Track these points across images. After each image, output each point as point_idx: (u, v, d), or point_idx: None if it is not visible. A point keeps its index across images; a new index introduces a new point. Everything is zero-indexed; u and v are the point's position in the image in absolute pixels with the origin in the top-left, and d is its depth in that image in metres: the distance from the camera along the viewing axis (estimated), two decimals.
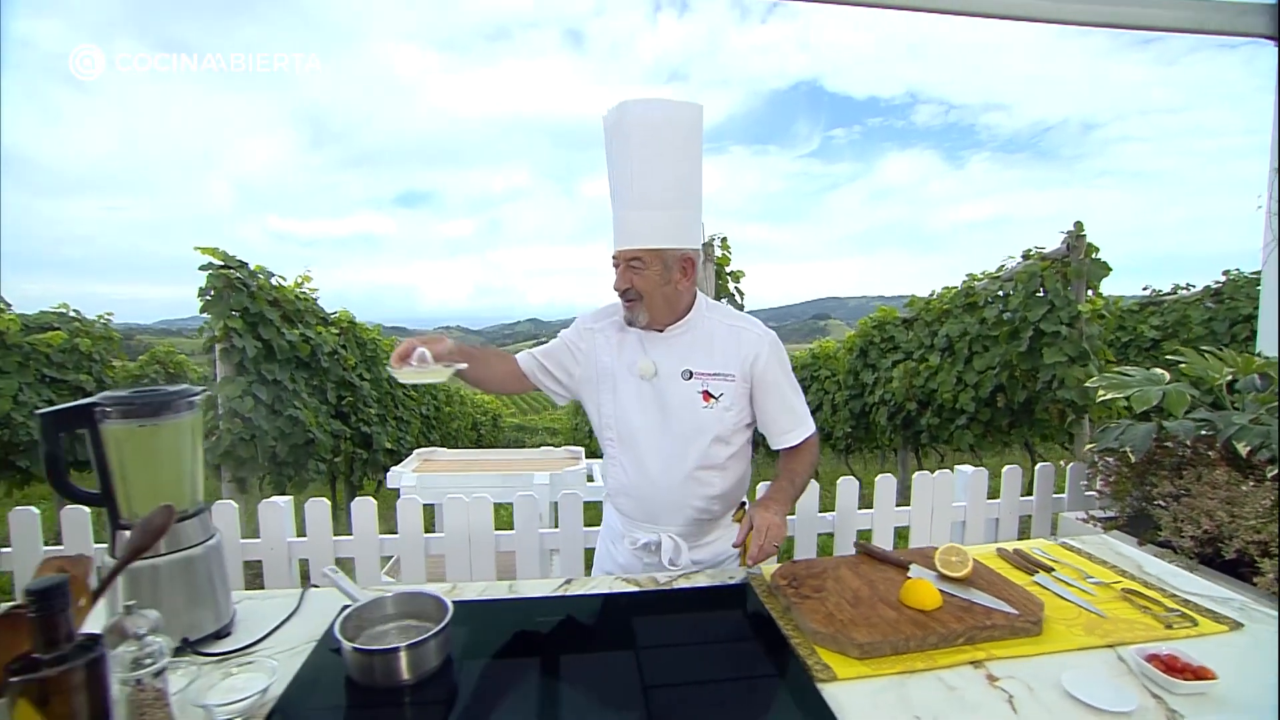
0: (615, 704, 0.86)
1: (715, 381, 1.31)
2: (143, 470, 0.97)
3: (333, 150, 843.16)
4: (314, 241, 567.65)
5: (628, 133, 1.22)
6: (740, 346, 1.33)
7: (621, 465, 1.39)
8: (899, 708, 0.84)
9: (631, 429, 1.35)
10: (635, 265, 1.25)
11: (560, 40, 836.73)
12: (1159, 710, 0.83)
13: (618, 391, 1.36)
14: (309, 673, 0.94)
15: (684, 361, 1.32)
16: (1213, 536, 1.77)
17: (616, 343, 1.37)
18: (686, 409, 1.31)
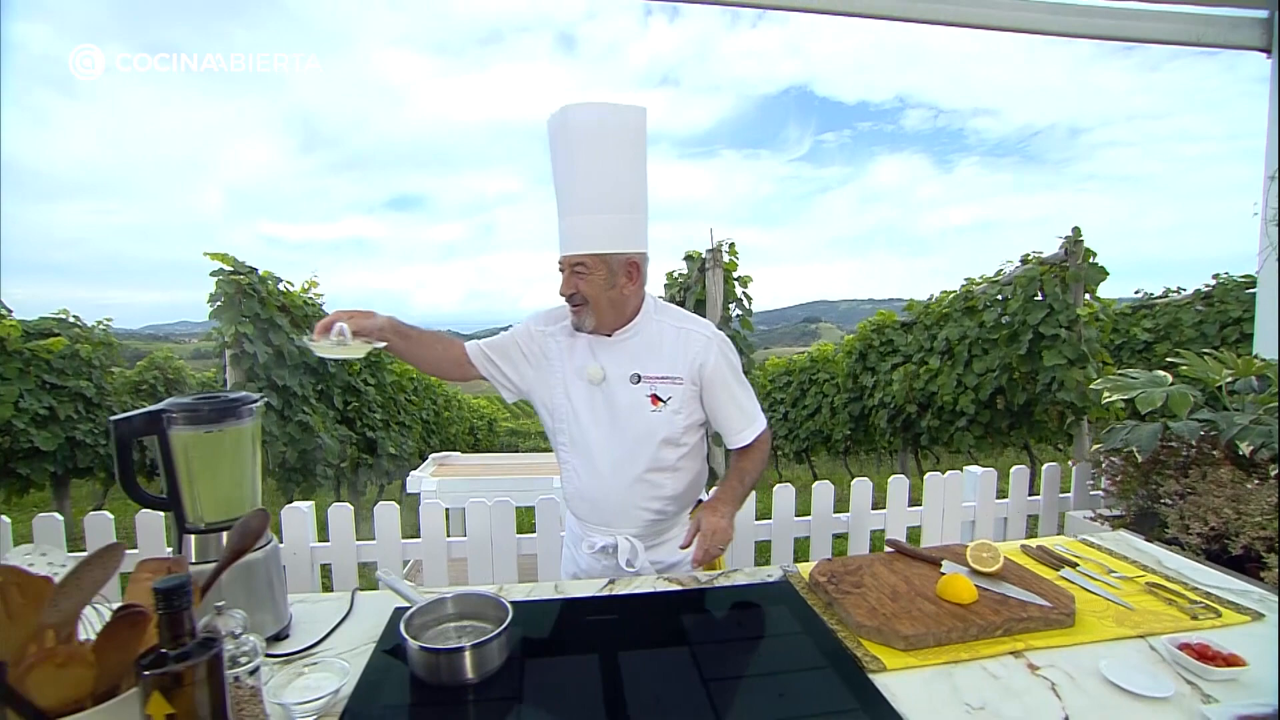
0: (679, 697, 0.89)
1: (663, 385, 1.32)
2: (207, 475, 0.99)
3: (324, 154, 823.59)
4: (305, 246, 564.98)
5: (570, 137, 1.22)
6: (688, 349, 1.33)
7: (574, 469, 1.40)
8: (950, 696, 0.88)
9: (583, 433, 1.35)
10: (580, 270, 1.26)
11: (552, 44, 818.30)
12: (1194, 696, 0.87)
13: (570, 396, 1.37)
14: (372, 673, 0.97)
15: (632, 365, 1.32)
16: (1219, 533, 1.83)
17: (567, 347, 1.38)
18: (635, 413, 1.31)
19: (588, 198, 1.24)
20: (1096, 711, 0.84)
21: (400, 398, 5.63)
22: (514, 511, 2.20)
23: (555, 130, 1.25)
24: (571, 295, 1.29)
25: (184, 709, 0.58)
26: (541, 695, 0.91)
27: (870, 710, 0.85)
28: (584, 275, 1.26)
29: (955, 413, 4.50)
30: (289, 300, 3.58)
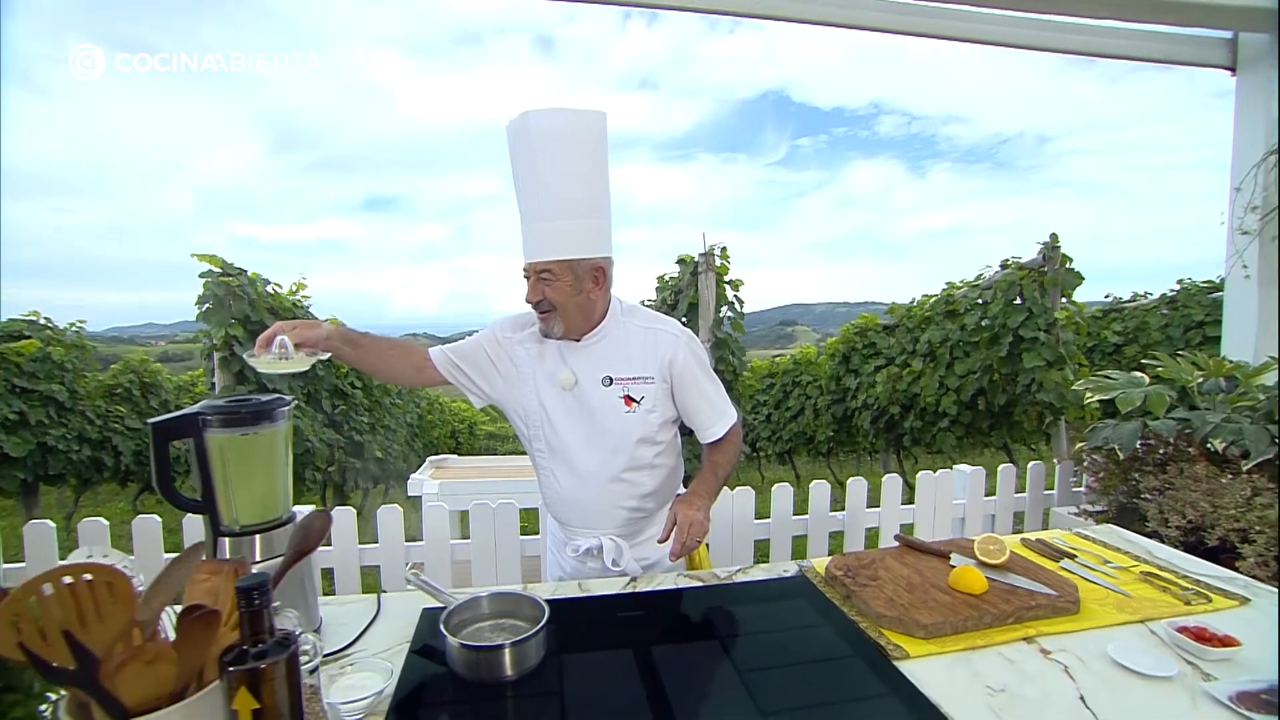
0: (716, 688, 0.92)
1: (635, 386, 1.33)
2: (243, 477, 1.00)
3: (300, 155, 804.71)
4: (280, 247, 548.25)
5: (531, 143, 1.21)
6: (657, 348, 1.35)
7: (553, 475, 1.40)
8: (971, 680, 0.93)
9: (560, 439, 1.36)
10: (546, 277, 1.26)
11: (531, 47, 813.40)
12: (1195, 675, 0.93)
13: (543, 403, 1.37)
14: (411, 673, 0.98)
15: (603, 368, 1.34)
16: (1196, 526, 1.93)
17: (536, 354, 1.38)
18: (610, 415, 1.33)
19: (552, 204, 1.23)
20: (1107, 691, 0.90)
21: (386, 400, 5.57)
22: (518, 514, 2.21)
23: (515, 136, 1.24)
24: (539, 302, 1.29)
25: (267, 704, 0.60)
26: (583, 690, 0.93)
27: (900, 695, 0.89)
28: (550, 282, 1.26)
29: (938, 413, 4.62)
30: (277, 302, 3.53)
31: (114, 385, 5.43)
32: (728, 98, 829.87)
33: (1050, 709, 0.87)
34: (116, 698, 0.57)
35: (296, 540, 0.81)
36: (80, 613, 0.55)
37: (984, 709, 0.87)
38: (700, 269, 3.52)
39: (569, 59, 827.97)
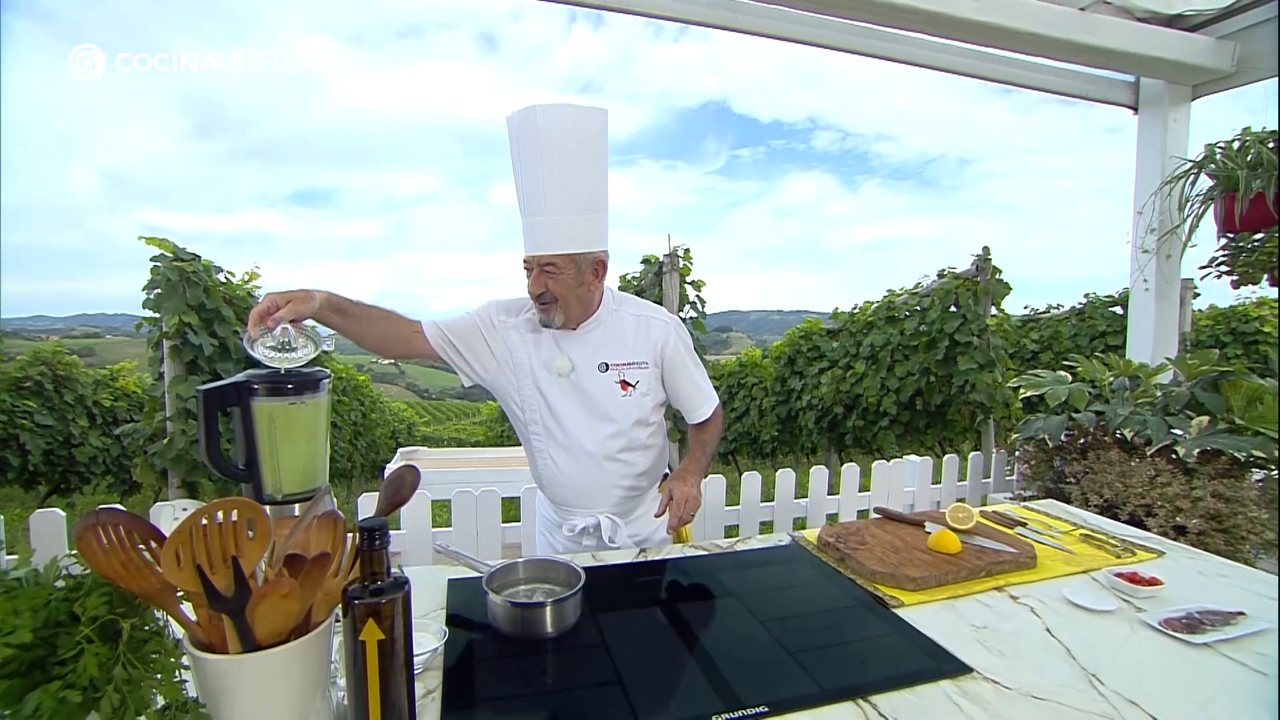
0: (745, 635, 1.03)
1: (631, 371, 1.40)
2: (288, 446, 1.01)
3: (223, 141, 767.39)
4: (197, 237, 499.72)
5: (537, 138, 1.23)
6: (650, 335, 1.43)
7: (550, 458, 1.45)
8: (958, 621, 1.08)
9: (558, 423, 1.41)
10: (550, 270, 1.30)
11: (474, 43, 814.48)
12: (1130, 609, 1.12)
13: (540, 389, 1.41)
14: (456, 636, 1.03)
15: (598, 355, 1.39)
16: (1111, 503, 2.21)
17: (531, 341, 1.41)
18: (607, 399, 1.39)
19: (557, 199, 1.26)
20: (1067, 624, 1.07)
21: (332, 397, 5.38)
22: (499, 501, 2.24)
23: (519, 130, 1.25)
24: (541, 294, 1.32)
25: (389, 635, 0.65)
26: (624, 642, 1.01)
27: (903, 633, 1.03)
28: (554, 275, 1.30)
29: (879, 413, 4.95)
30: (230, 291, 3.37)
31: (21, 378, 4.97)
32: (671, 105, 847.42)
33: (1025, 639, 1.02)
34: (252, 628, 0.61)
35: (390, 492, 0.85)
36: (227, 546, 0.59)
37: (972, 642, 1.01)
38: (665, 269, 3.65)
39: (513, 58, 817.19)
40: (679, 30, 7.84)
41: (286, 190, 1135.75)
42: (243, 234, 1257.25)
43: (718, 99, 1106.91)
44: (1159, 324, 2.86)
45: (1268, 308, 5.19)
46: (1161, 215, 2.78)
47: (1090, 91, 3.04)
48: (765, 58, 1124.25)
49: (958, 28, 2.39)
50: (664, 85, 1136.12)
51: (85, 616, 0.55)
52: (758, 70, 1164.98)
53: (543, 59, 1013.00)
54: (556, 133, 1.23)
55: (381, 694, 0.64)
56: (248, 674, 0.61)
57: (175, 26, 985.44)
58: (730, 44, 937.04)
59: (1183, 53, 2.61)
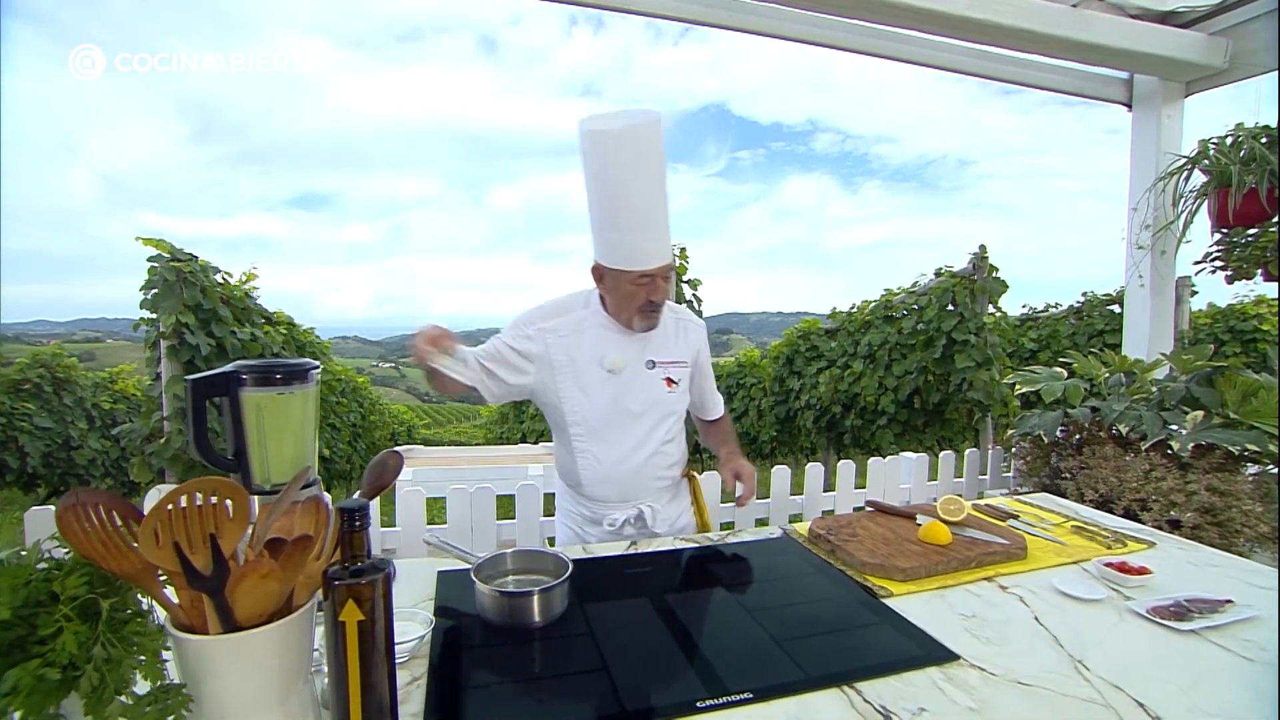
0: (732, 625, 1.03)
1: (675, 369, 1.49)
2: (276, 436, 1.02)
3: (222, 145, 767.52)
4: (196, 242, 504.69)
5: (628, 155, 1.25)
6: (688, 337, 1.54)
7: (594, 456, 1.47)
8: (947, 610, 1.08)
9: (603, 420, 1.44)
10: (665, 278, 1.40)
11: (474, 47, 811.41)
12: (1119, 597, 1.12)
13: (584, 387, 1.43)
14: (439, 625, 1.03)
15: (646, 354, 1.47)
16: (1106, 498, 2.21)
17: (572, 343, 1.44)
18: (653, 394, 1.46)
19: (657, 213, 1.33)
20: (1055, 613, 1.07)
21: (331, 399, 5.38)
22: (494, 498, 2.24)
23: (607, 143, 1.26)
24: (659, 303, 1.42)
25: (369, 617, 0.65)
26: (611, 632, 1.01)
27: (892, 623, 1.03)
28: (665, 283, 1.40)
29: (877, 412, 4.94)
30: (227, 292, 3.38)
31: (20, 380, 4.98)
32: (670, 108, 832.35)
33: (1013, 627, 1.02)
34: (231, 608, 0.61)
35: (374, 475, 0.86)
36: (203, 528, 0.59)
37: (960, 630, 1.01)
38: None
39: (512, 62, 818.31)
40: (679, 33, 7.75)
41: (285, 194, 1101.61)
42: (241, 238, 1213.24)
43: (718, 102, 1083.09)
44: (1155, 320, 2.86)
45: (1266, 305, 5.19)
46: (1156, 211, 2.79)
47: (1084, 88, 3.05)
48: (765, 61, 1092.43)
49: (950, 24, 2.40)
50: (664, 88, 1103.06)
51: (65, 596, 0.55)
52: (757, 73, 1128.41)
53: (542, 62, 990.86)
54: (645, 146, 1.27)
55: (362, 675, 0.64)
56: (228, 654, 0.61)
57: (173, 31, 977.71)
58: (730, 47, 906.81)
59: (1175, 49, 2.62)
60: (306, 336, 4.76)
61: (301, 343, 4.61)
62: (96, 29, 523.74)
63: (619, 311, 1.44)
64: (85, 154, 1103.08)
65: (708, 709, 0.80)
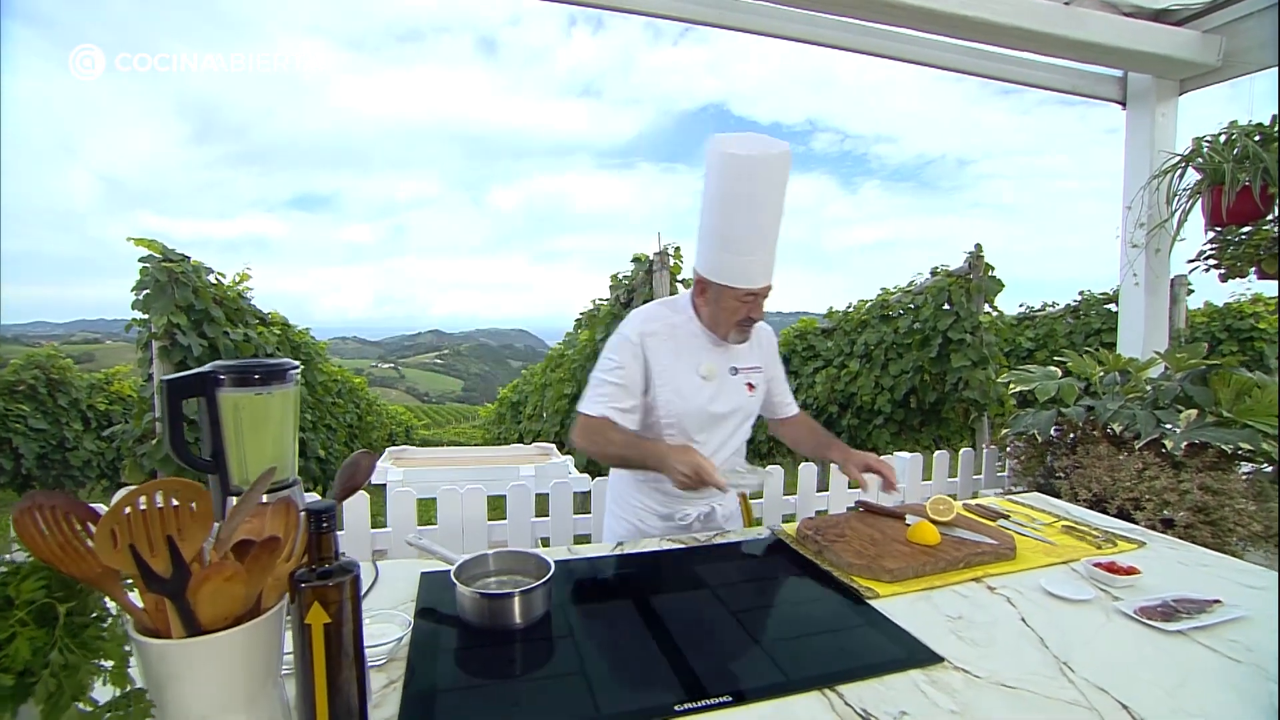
0: (715, 626, 1.02)
1: (754, 375, 1.58)
2: (255, 437, 1.01)
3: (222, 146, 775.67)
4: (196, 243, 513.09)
5: (756, 181, 1.32)
6: (762, 345, 1.62)
7: None
8: (933, 612, 1.07)
9: (696, 422, 1.50)
10: (764, 298, 1.46)
11: (474, 47, 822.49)
12: (1107, 597, 1.11)
13: (680, 391, 1.48)
14: (422, 626, 1.02)
15: (730, 361, 1.54)
16: (1100, 497, 2.20)
17: (672, 350, 1.49)
18: (737, 399, 1.54)
19: (768, 237, 1.38)
20: (1042, 614, 1.06)
21: (328, 399, 5.37)
22: (485, 499, 2.23)
23: (739, 166, 1.31)
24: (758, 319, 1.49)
25: (335, 619, 0.64)
26: (593, 633, 1.00)
27: (877, 624, 1.02)
28: (764, 301, 1.46)
29: (873, 411, 4.93)
30: (220, 293, 3.37)
31: (15, 382, 4.97)
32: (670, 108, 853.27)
33: (999, 628, 1.01)
34: (194, 612, 0.60)
35: (345, 477, 0.85)
36: (164, 529, 0.58)
37: (946, 632, 1.00)
38: (655, 267, 3.64)
39: (512, 62, 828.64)
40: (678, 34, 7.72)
41: (285, 195, 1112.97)
42: (241, 239, 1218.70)
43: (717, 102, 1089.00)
44: (1149, 318, 2.86)
45: (1263, 304, 5.19)
46: (1150, 210, 2.78)
47: (1078, 86, 3.04)
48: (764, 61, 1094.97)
49: (943, 22, 2.39)
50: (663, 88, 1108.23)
51: (20, 600, 0.54)
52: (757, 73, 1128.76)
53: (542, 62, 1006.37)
54: (768, 176, 1.33)
55: (329, 678, 0.63)
56: (191, 658, 0.60)
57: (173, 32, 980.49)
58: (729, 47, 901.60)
59: (1168, 47, 2.61)
60: (301, 337, 4.75)
61: (296, 343, 4.60)
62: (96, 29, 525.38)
63: (716, 324, 1.49)
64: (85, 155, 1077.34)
65: (685, 713, 0.79)
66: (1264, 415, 2.12)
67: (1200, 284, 5.41)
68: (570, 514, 2.32)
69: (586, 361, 4.30)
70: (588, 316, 4.54)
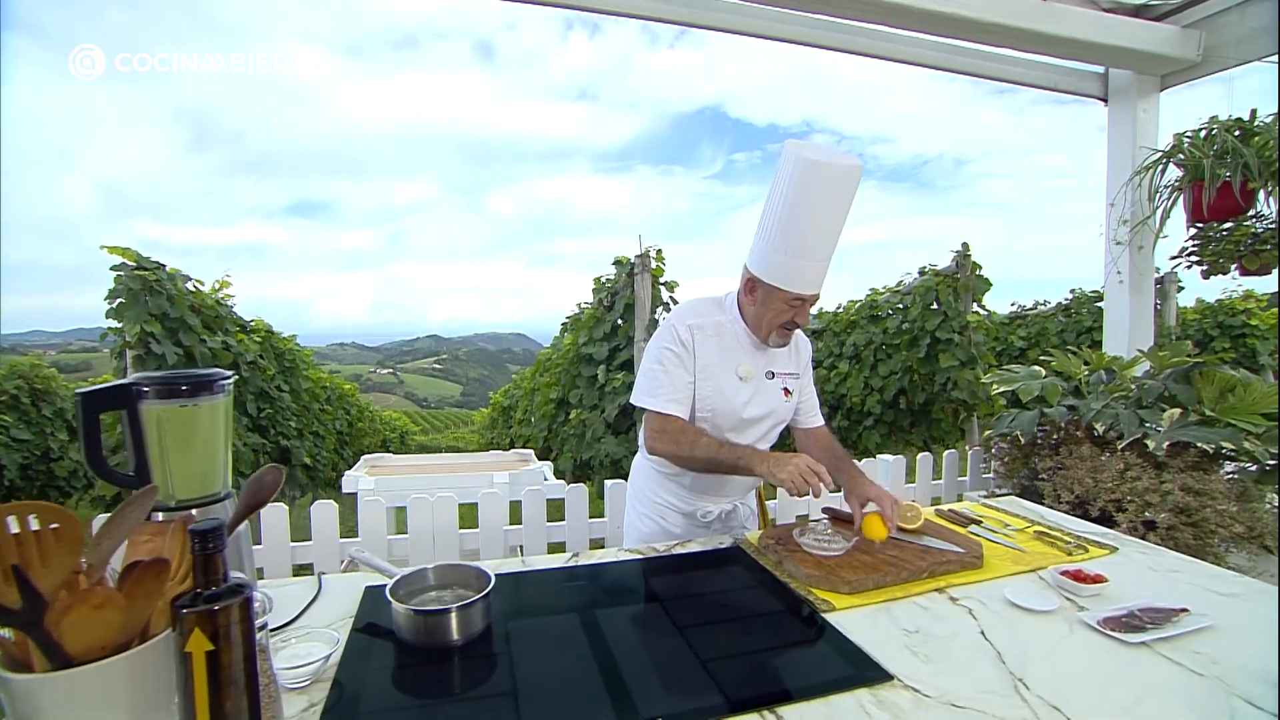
0: (658, 644, 0.98)
1: (790, 380, 1.57)
2: (180, 451, 0.97)
3: (219, 153, 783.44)
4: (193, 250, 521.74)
5: (822, 186, 1.32)
6: (800, 352, 1.63)
7: None
8: (890, 625, 1.03)
9: (730, 421, 1.49)
10: (810, 305, 1.44)
11: (470, 52, 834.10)
12: (1072, 607, 1.07)
13: (719, 388, 1.47)
14: (356, 644, 0.98)
15: (769, 365, 1.54)
16: (1082, 499, 2.16)
17: (715, 347, 1.49)
18: (772, 401, 1.53)
19: (825, 245, 1.38)
20: (1004, 626, 1.02)
21: (315, 406, 5.32)
22: (456, 507, 2.19)
23: (814, 173, 1.31)
24: (802, 325, 1.48)
25: (221, 647, 0.60)
26: (529, 651, 0.96)
27: (828, 640, 0.98)
28: (810, 308, 1.45)
29: (863, 413, 4.90)
30: (198, 300, 3.33)
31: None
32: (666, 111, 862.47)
33: (957, 642, 0.97)
34: (59, 643, 0.56)
35: (249, 494, 0.81)
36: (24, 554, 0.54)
37: (900, 647, 0.96)
38: (636, 270, 3.60)
39: (508, 66, 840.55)
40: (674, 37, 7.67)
41: (282, 202, 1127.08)
42: (239, 246, 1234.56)
43: (713, 104, 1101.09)
44: (1134, 316, 2.82)
45: (1255, 300, 5.15)
46: (1133, 207, 2.75)
47: (1059, 83, 3.01)
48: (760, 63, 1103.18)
49: (918, 18, 2.36)
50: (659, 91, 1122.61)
51: None
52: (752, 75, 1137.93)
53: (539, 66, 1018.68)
54: (841, 187, 1.33)
55: (212, 712, 0.59)
56: (58, 693, 0.56)
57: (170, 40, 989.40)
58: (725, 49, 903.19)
59: (1148, 42, 2.58)
60: (285, 344, 4.71)
61: (280, 350, 4.57)
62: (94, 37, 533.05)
63: (759, 325, 1.48)
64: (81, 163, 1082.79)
65: None
66: (1247, 414, 2.08)
67: (1191, 280, 5.38)
68: (544, 522, 2.28)
69: (571, 365, 4.27)
70: (573, 320, 4.50)
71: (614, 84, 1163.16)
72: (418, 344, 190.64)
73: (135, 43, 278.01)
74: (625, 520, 1.72)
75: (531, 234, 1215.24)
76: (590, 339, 3.93)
